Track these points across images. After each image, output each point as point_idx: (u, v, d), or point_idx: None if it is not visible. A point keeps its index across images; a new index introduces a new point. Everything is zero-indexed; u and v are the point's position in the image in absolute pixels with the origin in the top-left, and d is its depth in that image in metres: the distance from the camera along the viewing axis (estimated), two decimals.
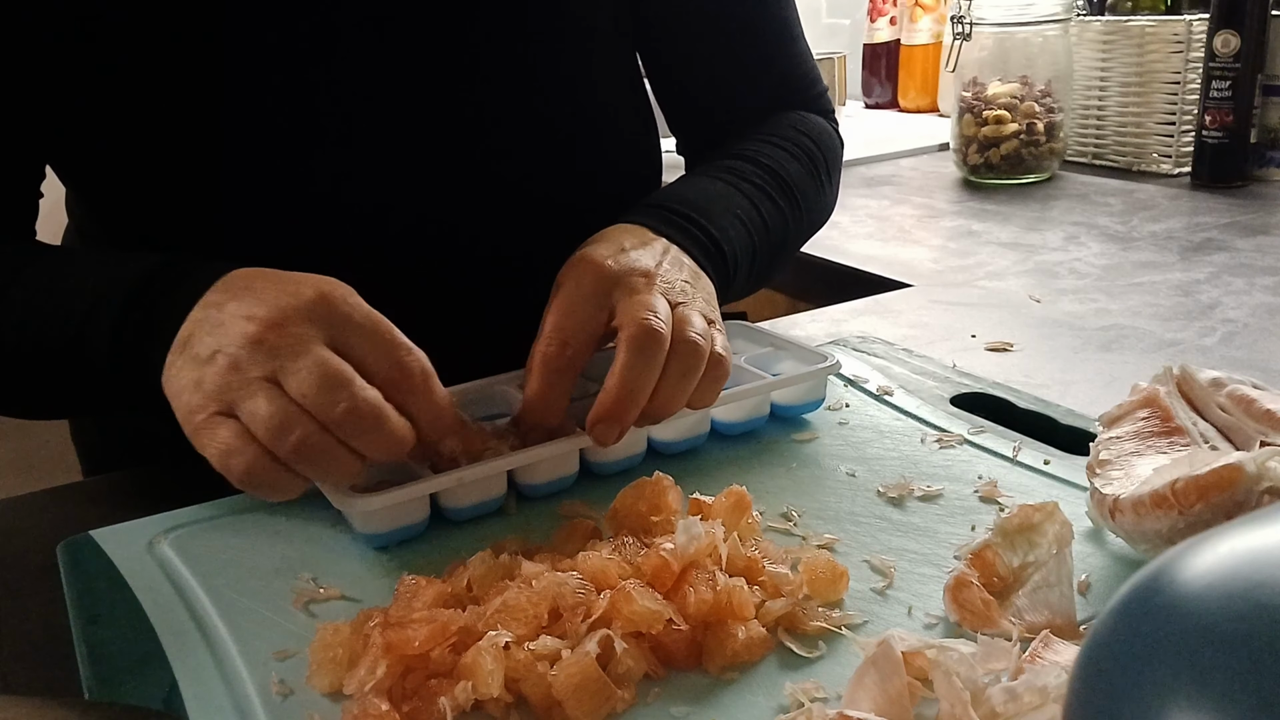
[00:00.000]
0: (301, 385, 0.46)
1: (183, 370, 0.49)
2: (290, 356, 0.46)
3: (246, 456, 0.46)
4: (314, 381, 0.46)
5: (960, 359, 0.72)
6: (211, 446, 0.47)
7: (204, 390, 0.47)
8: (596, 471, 0.57)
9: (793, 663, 0.41)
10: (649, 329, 0.52)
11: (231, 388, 0.46)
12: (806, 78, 0.80)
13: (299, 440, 0.45)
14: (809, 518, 0.52)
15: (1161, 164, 1.31)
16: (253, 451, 0.46)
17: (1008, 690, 0.34)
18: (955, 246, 1.05)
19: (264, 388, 0.46)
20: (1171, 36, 1.26)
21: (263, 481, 0.47)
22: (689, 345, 0.53)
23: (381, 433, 0.47)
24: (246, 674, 0.42)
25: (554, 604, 0.41)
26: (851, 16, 2.12)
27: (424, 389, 0.49)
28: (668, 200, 0.65)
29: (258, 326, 0.47)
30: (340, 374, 0.46)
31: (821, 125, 0.79)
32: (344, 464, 0.47)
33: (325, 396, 0.46)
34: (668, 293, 0.55)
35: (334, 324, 0.48)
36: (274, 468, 0.46)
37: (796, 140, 0.75)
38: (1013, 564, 0.44)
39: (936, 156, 1.53)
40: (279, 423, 0.45)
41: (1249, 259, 0.94)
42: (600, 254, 0.56)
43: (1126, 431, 0.48)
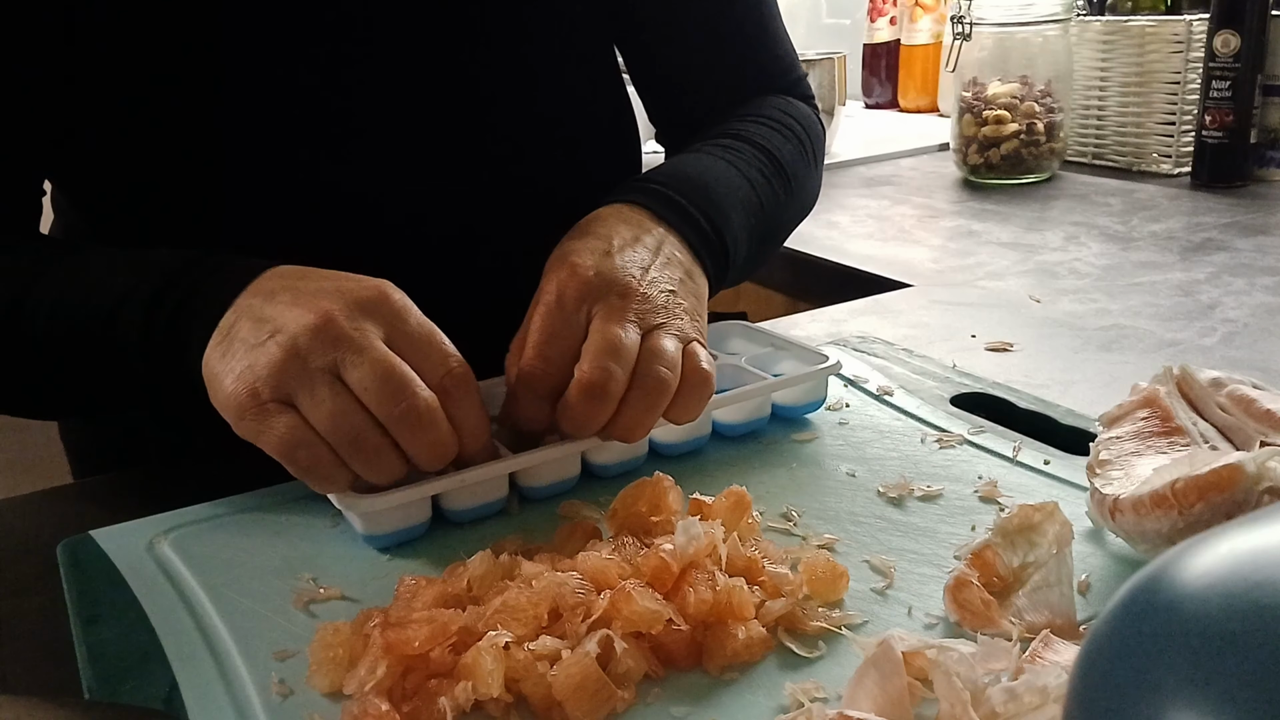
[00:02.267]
0: (364, 379, 0.46)
1: (230, 356, 0.48)
2: (353, 349, 0.47)
3: (311, 448, 0.47)
4: (377, 377, 0.46)
5: (960, 359, 0.72)
6: (270, 435, 0.47)
7: (257, 375, 0.47)
8: (597, 473, 0.57)
9: (793, 663, 0.41)
10: (595, 385, 0.50)
11: (291, 375, 0.46)
12: (784, 62, 0.80)
13: (357, 435, 0.46)
14: (809, 518, 0.52)
15: (1161, 164, 1.31)
16: (317, 443, 0.47)
17: (1008, 690, 0.34)
18: (955, 246, 1.05)
19: (326, 380, 0.46)
20: (1171, 36, 1.26)
21: (323, 474, 0.47)
22: (652, 381, 0.51)
23: (434, 437, 0.47)
24: (246, 674, 0.42)
25: (554, 604, 0.41)
26: (851, 16, 2.12)
27: (471, 400, 0.49)
28: (671, 180, 0.63)
29: (318, 316, 0.47)
30: (403, 374, 0.47)
31: (805, 110, 0.79)
32: (392, 464, 0.48)
33: (387, 393, 0.46)
34: (643, 314, 0.54)
35: (392, 323, 0.48)
36: (333, 460, 0.47)
37: (786, 122, 0.75)
38: (1013, 564, 0.44)
39: (936, 156, 1.53)
40: (341, 417, 0.46)
41: (1249, 259, 0.94)
42: (585, 261, 0.55)
43: (1126, 431, 0.48)
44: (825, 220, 1.19)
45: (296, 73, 0.62)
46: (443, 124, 0.67)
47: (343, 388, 0.46)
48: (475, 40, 0.66)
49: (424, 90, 0.65)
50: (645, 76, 0.78)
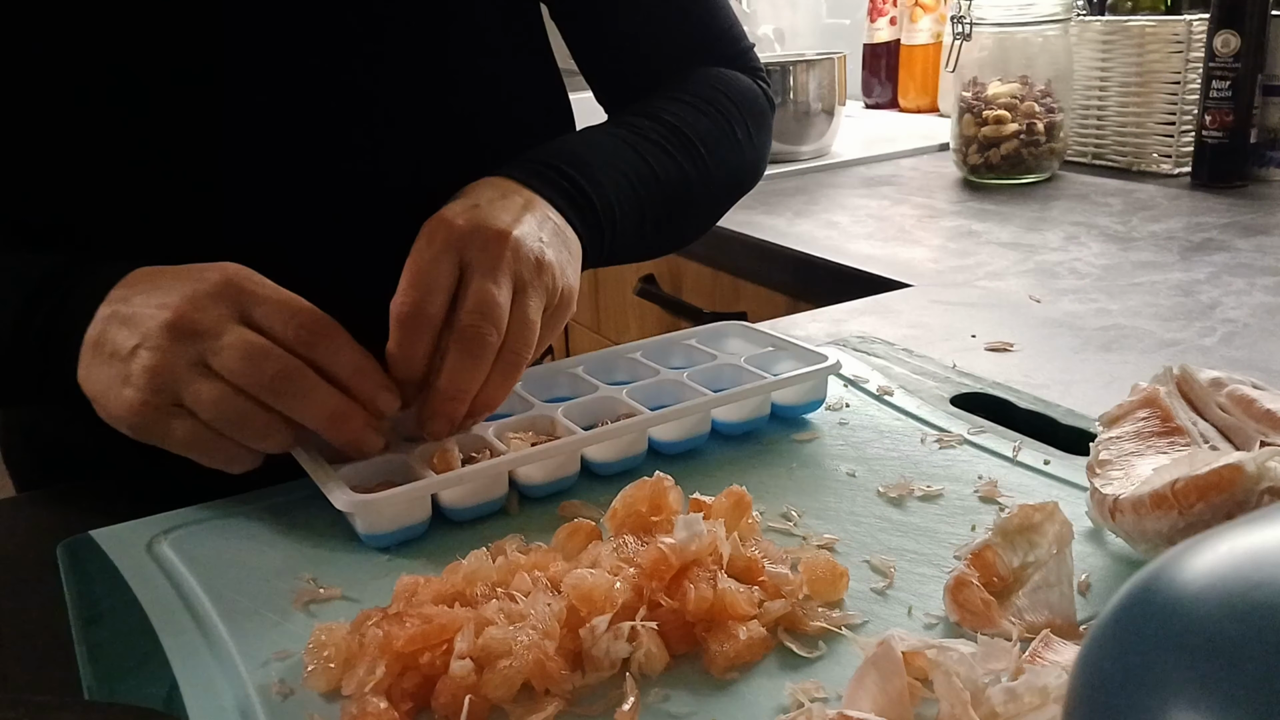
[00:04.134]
0: (228, 362, 0.49)
1: (103, 369, 0.50)
2: (211, 338, 0.49)
3: (208, 440, 0.50)
4: (238, 355, 0.49)
5: (960, 359, 0.72)
6: (171, 439, 0.50)
7: (136, 385, 0.49)
8: (597, 472, 0.57)
9: (793, 663, 0.41)
10: (478, 336, 0.53)
11: (166, 379, 0.49)
12: (728, 34, 0.79)
13: (241, 419, 0.49)
14: (809, 518, 0.52)
15: (1161, 164, 1.31)
16: (211, 435, 0.50)
17: (1008, 690, 0.34)
18: (955, 246, 1.05)
19: (199, 374, 0.49)
20: (1171, 36, 1.26)
21: (227, 459, 0.51)
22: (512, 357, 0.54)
23: (314, 394, 0.50)
24: (246, 674, 0.42)
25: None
26: (851, 16, 2.12)
27: (335, 345, 0.51)
28: (541, 154, 0.65)
29: (171, 314, 0.49)
30: (261, 344, 0.49)
31: (743, 82, 0.78)
32: (279, 433, 0.51)
33: (252, 367, 0.49)
34: (518, 266, 0.55)
35: (243, 303, 0.51)
36: (230, 445, 0.50)
37: (709, 97, 0.74)
38: (1013, 564, 0.44)
39: (936, 156, 1.53)
40: (221, 405, 0.49)
41: (1249, 259, 0.94)
42: (453, 211, 0.57)
43: (1126, 431, 0.48)
44: (825, 220, 1.19)
45: (298, 68, 0.63)
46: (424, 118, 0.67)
47: (215, 377, 0.49)
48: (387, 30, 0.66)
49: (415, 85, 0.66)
50: (581, 49, 0.78)
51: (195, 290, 0.50)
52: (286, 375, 0.49)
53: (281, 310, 0.51)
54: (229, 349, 0.49)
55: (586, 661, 0.40)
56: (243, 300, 0.51)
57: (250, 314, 0.51)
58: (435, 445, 0.55)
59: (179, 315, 0.49)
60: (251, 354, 0.49)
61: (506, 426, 0.57)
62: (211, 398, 0.49)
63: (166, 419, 0.50)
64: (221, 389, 0.49)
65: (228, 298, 0.51)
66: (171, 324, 0.49)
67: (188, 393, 0.49)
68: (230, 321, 0.50)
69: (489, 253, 0.55)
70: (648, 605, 0.42)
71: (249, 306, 0.51)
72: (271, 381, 0.49)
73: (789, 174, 1.45)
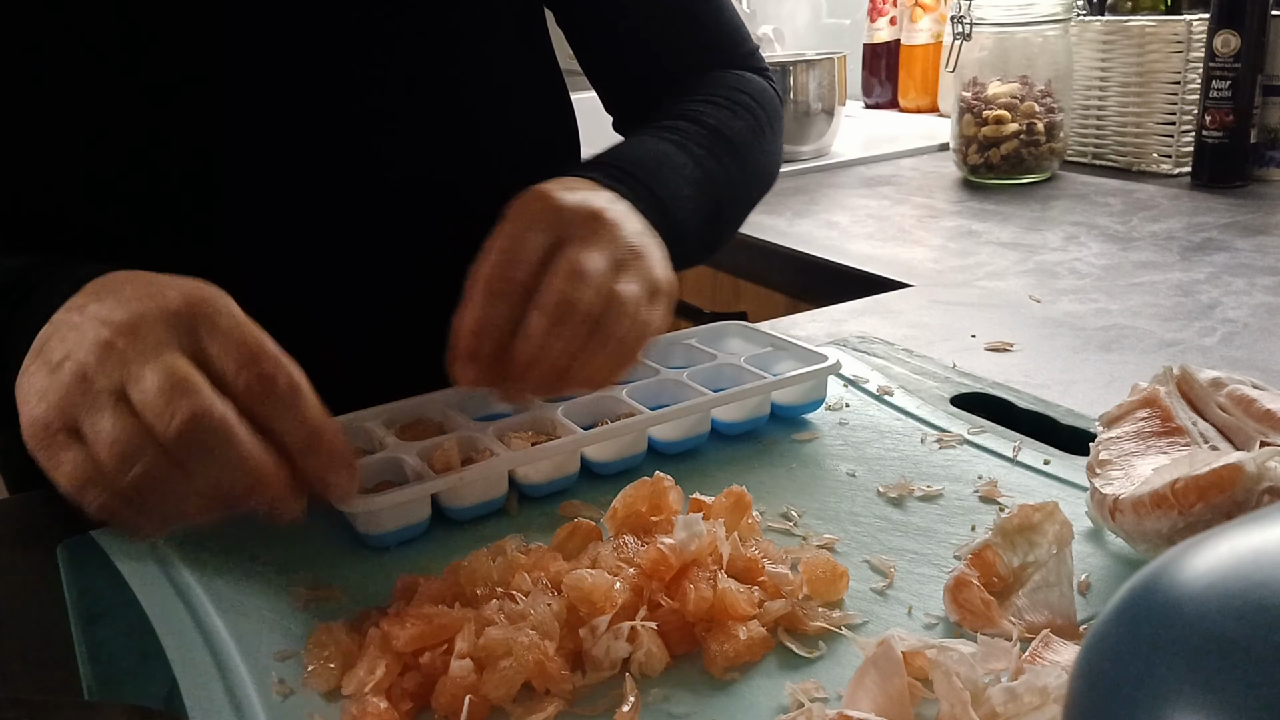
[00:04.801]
0: (142, 394, 0.40)
1: (33, 377, 0.43)
2: (139, 363, 0.41)
3: (98, 486, 0.40)
4: (153, 388, 0.40)
5: (960, 359, 0.72)
6: (59, 474, 0.41)
7: (48, 402, 0.41)
8: (597, 471, 0.57)
9: (793, 663, 0.41)
10: (568, 300, 0.48)
11: (76, 401, 0.41)
12: (735, 36, 0.79)
13: (143, 467, 0.39)
14: (809, 518, 0.52)
15: (1161, 164, 1.31)
16: (103, 481, 0.40)
17: (1008, 690, 0.34)
18: (955, 246, 1.05)
19: (110, 403, 0.40)
20: (1171, 36, 1.26)
21: (117, 517, 0.41)
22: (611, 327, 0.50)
23: (230, 451, 0.40)
24: (246, 674, 0.42)
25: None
26: (851, 16, 2.12)
27: (290, 402, 0.42)
28: (613, 159, 0.63)
29: (110, 331, 0.42)
30: (184, 380, 0.40)
31: (759, 83, 0.78)
32: (192, 498, 0.41)
33: (162, 404, 0.39)
34: (614, 246, 0.52)
35: (195, 330, 0.43)
36: (126, 502, 0.41)
37: (736, 98, 0.73)
38: (1013, 564, 0.44)
39: (936, 156, 1.53)
40: (122, 449, 0.39)
41: (1249, 259, 0.94)
42: (547, 187, 0.54)
43: (1126, 431, 0.48)
44: (825, 220, 1.19)
45: (299, 73, 0.63)
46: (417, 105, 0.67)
47: (128, 411, 0.40)
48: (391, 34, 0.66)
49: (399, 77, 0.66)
50: (591, 59, 0.77)
51: (147, 309, 0.43)
52: (196, 420, 0.39)
53: (238, 350, 0.42)
54: (149, 379, 0.40)
55: (586, 662, 0.40)
56: (198, 329, 0.43)
57: (203, 347, 0.42)
58: (435, 445, 0.55)
59: (116, 333, 0.42)
60: (168, 388, 0.40)
61: (506, 426, 0.57)
62: (111, 432, 0.39)
63: (60, 449, 0.41)
64: (127, 424, 0.40)
65: (181, 323, 0.43)
66: (106, 342, 0.41)
67: (89, 421, 0.40)
68: (168, 348, 0.41)
69: (586, 228, 0.51)
70: (648, 606, 0.42)
71: (204, 338, 0.43)
72: (181, 426, 0.39)
73: (789, 174, 1.45)
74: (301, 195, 0.65)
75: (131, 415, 0.40)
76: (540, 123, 0.75)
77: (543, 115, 0.76)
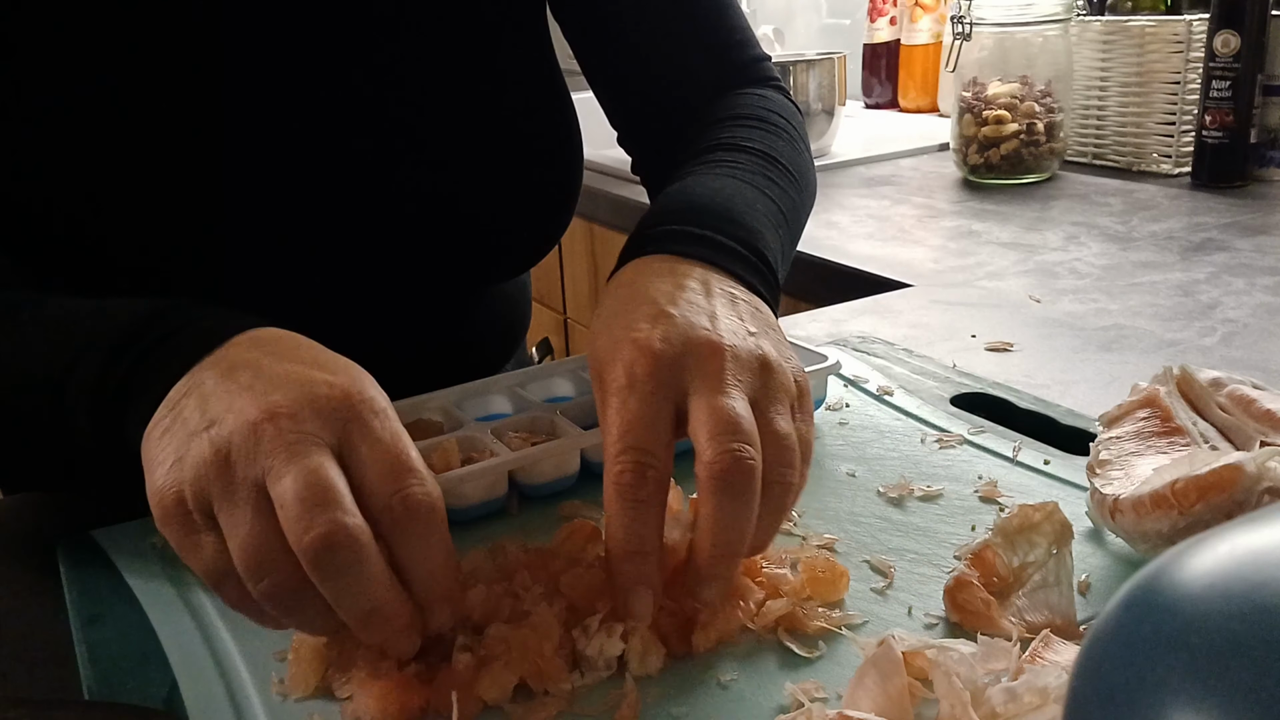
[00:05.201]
0: (284, 494, 0.37)
1: (168, 437, 0.40)
2: (284, 458, 0.38)
3: (234, 584, 0.38)
4: (296, 491, 0.37)
5: (960, 359, 0.72)
6: (195, 560, 0.39)
7: (183, 471, 0.39)
8: (597, 472, 0.57)
9: (793, 663, 0.41)
10: (740, 464, 0.40)
11: (215, 483, 0.38)
12: (745, 47, 0.76)
13: (270, 570, 0.37)
14: (809, 518, 0.52)
15: (1161, 164, 1.31)
16: (234, 576, 0.38)
17: (1008, 690, 0.34)
18: (955, 246, 1.05)
19: (250, 499, 0.38)
20: (1171, 36, 1.26)
21: (249, 615, 0.40)
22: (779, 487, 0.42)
23: (357, 575, 0.37)
24: (246, 674, 0.42)
25: None
26: (851, 16, 2.12)
27: (426, 530, 0.39)
28: (687, 213, 0.55)
29: (259, 413, 0.39)
30: (329, 489, 0.37)
31: (781, 100, 0.75)
32: (315, 615, 0.38)
33: (300, 512, 0.36)
34: (741, 372, 0.43)
35: (348, 429, 0.39)
36: (252, 603, 0.39)
37: (770, 120, 0.70)
38: (1013, 564, 0.44)
39: (936, 156, 1.53)
40: (257, 555, 0.37)
41: (1249, 259, 0.94)
42: (641, 332, 0.44)
43: (1126, 431, 0.48)
44: (825, 220, 1.19)
45: (300, 77, 0.63)
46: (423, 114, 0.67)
47: (267, 514, 0.37)
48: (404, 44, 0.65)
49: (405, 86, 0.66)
50: (600, 78, 0.75)
51: (302, 395, 0.40)
52: (333, 539, 0.36)
53: (388, 462, 0.39)
54: (292, 479, 0.37)
55: (582, 661, 0.40)
56: (350, 429, 0.39)
57: (353, 449, 0.39)
58: (435, 445, 0.55)
59: (269, 414, 0.39)
60: (310, 496, 0.37)
61: (506, 426, 0.57)
62: (247, 535, 0.37)
63: (197, 532, 0.39)
64: (263, 527, 0.37)
65: (336, 418, 0.39)
66: (254, 424, 0.38)
67: (229, 512, 0.38)
68: (317, 448, 0.38)
69: (707, 370, 0.43)
70: None
71: (355, 439, 0.39)
72: (315, 541, 0.36)
73: None
74: (303, 200, 0.65)
75: (270, 516, 0.37)
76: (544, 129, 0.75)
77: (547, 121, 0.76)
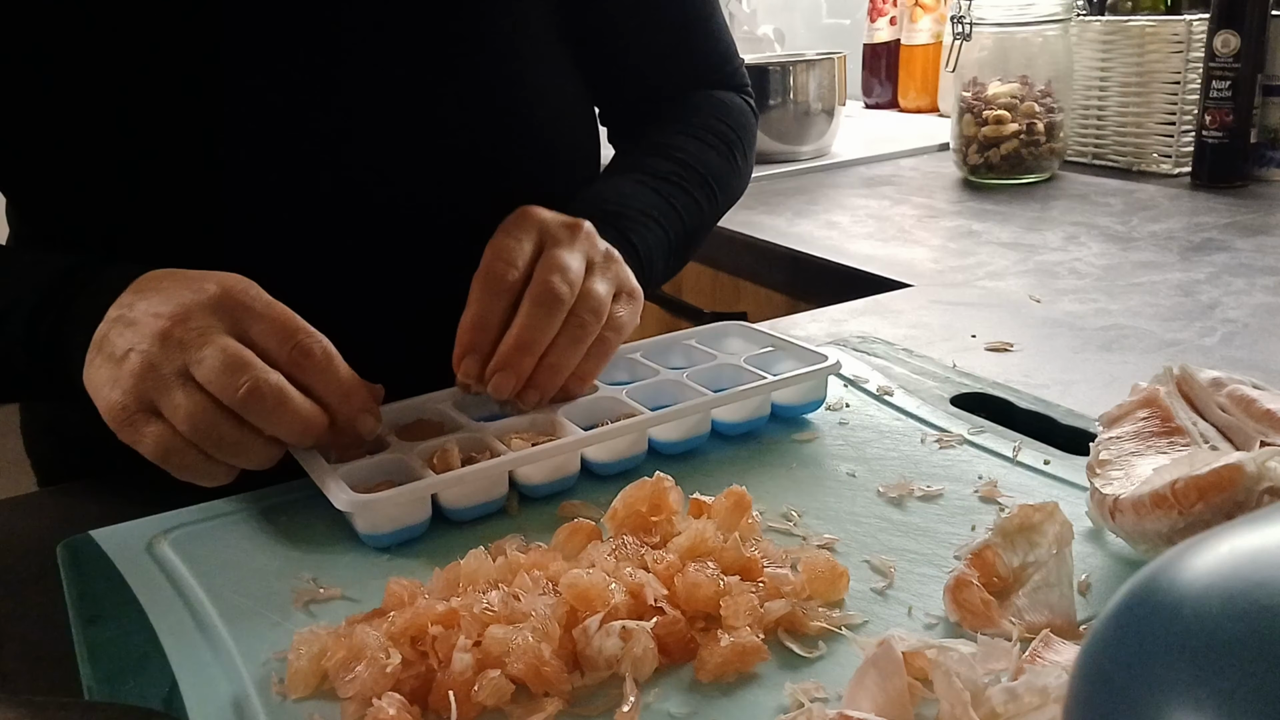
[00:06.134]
0: (207, 373, 0.49)
1: (100, 369, 0.51)
2: (196, 348, 0.50)
3: (180, 452, 0.50)
4: (216, 367, 0.49)
5: (960, 359, 0.72)
6: (144, 444, 0.50)
7: (123, 388, 0.50)
8: (597, 471, 0.57)
9: (793, 663, 0.41)
10: (550, 288, 0.57)
11: (149, 385, 0.50)
12: (723, 55, 0.84)
13: (214, 431, 0.49)
14: (809, 518, 0.52)
15: (1161, 164, 1.31)
16: (183, 446, 0.50)
17: (1008, 690, 0.34)
18: (955, 246, 1.05)
19: (179, 383, 0.49)
20: (1171, 36, 1.26)
21: (198, 473, 0.51)
22: (582, 318, 0.58)
23: (286, 411, 0.50)
24: (246, 674, 0.42)
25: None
26: (851, 16, 2.12)
27: (325, 367, 0.52)
28: (584, 204, 0.70)
29: (165, 322, 0.50)
30: (240, 358, 0.49)
31: (738, 106, 0.84)
32: (259, 450, 0.51)
33: (228, 380, 0.49)
34: (590, 250, 0.61)
35: (236, 315, 0.51)
36: (204, 460, 0.50)
37: (713, 128, 0.80)
38: (1013, 564, 0.44)
39: (936, 156, 1.53)
40: (198, 419, 0.49)
41: (1249, 259, 0.94)
42: (531, 210, 0.63)
43: (1126, 431, 0.48)
44: (825, 220, 1.19)
45: (294, 69, 0.62)
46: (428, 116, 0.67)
47: (196, 388, 0.49)
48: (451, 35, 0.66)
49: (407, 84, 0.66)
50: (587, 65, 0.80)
51: (192, 301, 0.51)
52: (259, 391, 0.49)
53: (275, 328, 0.52)
54: (210, 359, 0.49)
55: (583, 661, 0.40)
56: (238, 314, 0.52)
57: (245, 328, 0.51)
58: (435, 445, 0.55)
59: (171, 323, 0.50)
60: (229, 366, 0.49)
61: (506, 426, 0.57)
62: (187, 408, 0.49)
63: (141, 424, 0.50)
64: (198, 400, 0.49)
65: (223, 310, 0.51)
66: (163, 332, 0.50)
67: (165, 400, 0.49)
68: (218, 333, 0.50)
69: (565, 233, 0.61)
70: (649, 613, 0.42)
71: (245, 321, 0.51)
72: (246, 396, 0.49)
73: (789, 174, 1.45)
74: (302, 201, 0.65)
75: (200, 392, 0.49)
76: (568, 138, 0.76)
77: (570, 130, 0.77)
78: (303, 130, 0.64)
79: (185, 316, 0.50)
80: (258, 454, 0.51)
